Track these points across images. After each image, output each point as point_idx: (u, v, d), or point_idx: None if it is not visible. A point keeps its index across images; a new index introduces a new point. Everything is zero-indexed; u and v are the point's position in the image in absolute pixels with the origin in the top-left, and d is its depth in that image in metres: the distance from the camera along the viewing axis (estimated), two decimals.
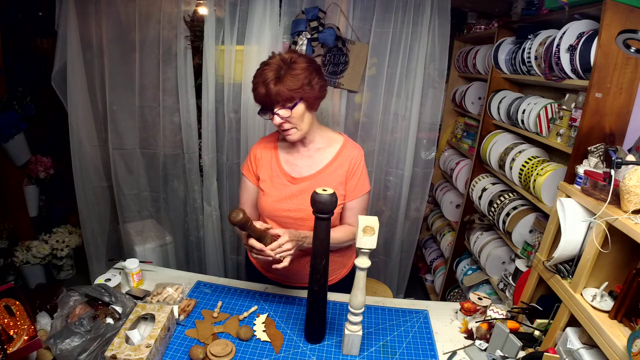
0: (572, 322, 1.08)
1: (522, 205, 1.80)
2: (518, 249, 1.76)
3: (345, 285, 1.38)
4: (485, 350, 1.17)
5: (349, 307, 1.10)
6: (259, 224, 1.13)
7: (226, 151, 2.28)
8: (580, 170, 1.20)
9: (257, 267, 1.49)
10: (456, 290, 2.49)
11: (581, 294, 1.05)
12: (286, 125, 1.22)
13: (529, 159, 1.71)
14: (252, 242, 1.12)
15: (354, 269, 1.54)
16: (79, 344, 1.03)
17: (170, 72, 2.15)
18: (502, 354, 1.11)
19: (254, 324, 1.25)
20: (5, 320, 0.95)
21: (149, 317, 1.16)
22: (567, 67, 1.41)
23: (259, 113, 1.25)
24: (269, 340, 1.19)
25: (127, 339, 1.05)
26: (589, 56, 1.30)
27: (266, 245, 1.13)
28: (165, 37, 2.08)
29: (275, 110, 1.19)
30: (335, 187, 1.27)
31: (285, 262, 1.14)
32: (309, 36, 1.99)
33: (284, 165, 1.32)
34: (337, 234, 1.28)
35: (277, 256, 1.13)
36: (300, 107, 1.20)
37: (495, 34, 2.06)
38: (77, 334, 1.04)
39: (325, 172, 1.30)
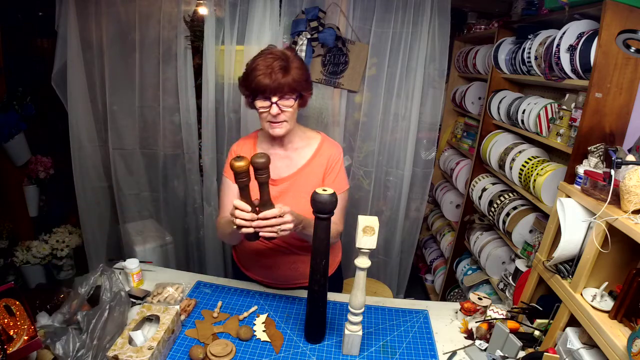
0: (572, 322, 1.08)
1: (522, 205, 1.80)
2: (518, 249, 1.76)
3: (331, 283, 1.34)
4: (485, 350, 1.17)
5: (349, 307, 1.10)
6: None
7: (226, 151, 2.27)
8: (580, 170, 1.20)
9: (242, 268, 1.48)
10: (456, 290, 2.49)
11: (581, 294, 1.06)
12: (281, 117, 1.20)
13: (529, 159, 1.71)
14: (239, 203, 1.03)
15: (339, 267, 1.54)
16: (78, 343, 1.03)
17: (170, 72, 2.15)
18: (502, 354, 1.11)
19: (254, 324, 1.25)
20: (5, 320, 0.94)
21: (154, 319, 1.15)
22: (567, 67, 1.41)
23: (249, 103, 1.22)
24: (269, 340, 1.19)
25: (131, 340, 1.05)
26: (589, 56, 1.30)
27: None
28: (165, 37, 2.08)
29: (275, 100, 1.17)
30: (314, 186, 1.23)
31: (274, 235, 1.06)
32: (309, 36, 1.99)
33: None
34: None
35: (275, 228, 1.04)
36: (296, 101, 1.21)
37: (495, 34, 2.06)
38: (77, 333, 1.04)
39: (304, 171, 1.30)
